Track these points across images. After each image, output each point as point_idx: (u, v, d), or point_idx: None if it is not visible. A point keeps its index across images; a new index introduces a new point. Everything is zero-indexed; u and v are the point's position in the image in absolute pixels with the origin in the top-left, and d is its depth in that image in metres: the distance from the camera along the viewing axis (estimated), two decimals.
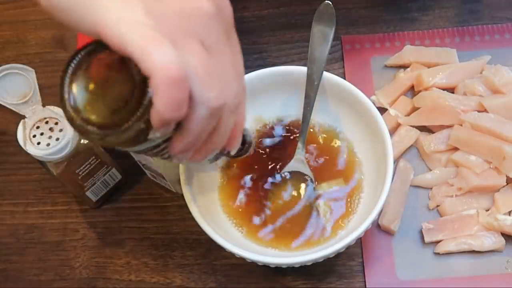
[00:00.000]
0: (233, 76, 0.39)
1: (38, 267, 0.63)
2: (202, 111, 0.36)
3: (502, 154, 0.59)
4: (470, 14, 0.73)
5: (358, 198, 0.58)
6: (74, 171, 0.58)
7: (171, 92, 0.33)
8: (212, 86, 0.36)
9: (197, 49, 0.36)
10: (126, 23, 0.34)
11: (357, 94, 0.58)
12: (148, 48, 0.33)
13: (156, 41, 0.33)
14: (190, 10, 0.36)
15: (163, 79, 0.33)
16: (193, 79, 0.35)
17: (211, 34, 0.37)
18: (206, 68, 0.36)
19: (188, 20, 0.36)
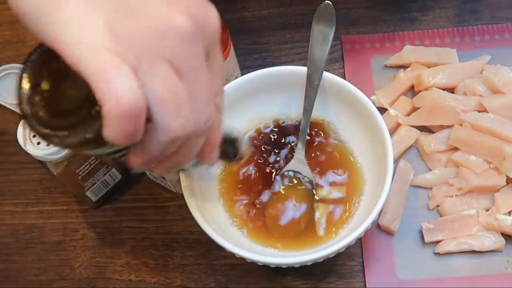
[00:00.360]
0: (205, 100, 0.36)
1: (38, 267, 0.63)
2: (162, 137, 0.34)
3: (502, 154, 0.59)
4: (470, 14, 0.73)
5: (358, 198, 0.58)
6: (74, 171, 0.58)
7: (121, 125, 0.31)
8: (175, 114, 0.33)
9: (164, 73, 0.33)
10: (83, 45, 0.31)
11: (357, 94, 0.58)
12: (104, 74, 0.31)
13: (113, 67, 0.31)
14: (163, 29, 0.32)
15: (114, 110, 0.31)
16: (154, 106, 0.33)
17: (185, 56, 0.33)
18: (171, 95, 0.33)
19: (159, 40, 0.32)
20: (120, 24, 0.32)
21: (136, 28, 0.32)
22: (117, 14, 0.32)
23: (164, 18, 0.32)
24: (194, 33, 0.33)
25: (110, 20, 0.32)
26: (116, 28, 0.32)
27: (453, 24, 0.72)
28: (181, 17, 0.33)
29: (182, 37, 0.33)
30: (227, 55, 0.61)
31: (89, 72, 0.31)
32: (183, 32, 0.33)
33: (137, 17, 0.32)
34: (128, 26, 0.32)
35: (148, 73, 0.32)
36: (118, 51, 0.31)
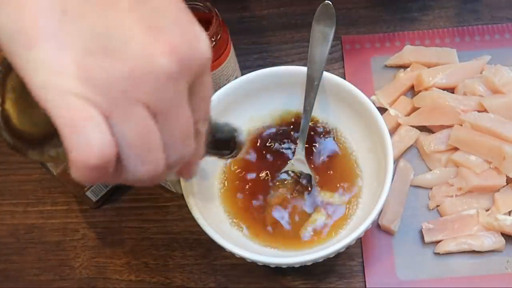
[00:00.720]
0: (181, 139, 0.34)
1: (38, 267, 0.63)
2: (129, 177, 0.33)
3: (502, 154, 0.59)
4: (470, 14, 0.73)
5: (358, 198, 0.58)
6: None
7: (86, 173, 0.30)
8: (144, 160, 0.32)
9: (137, 119, 0.31)
10: (53, 90, 0.29)
11: (357, 94, 0.58)
12: (72, 124, 0.29)
13: (82, 117, 0.29)
14: (141, 72, 0.30)
15: (80, 162, 0.30)
16: (124, 150, 0.31)
17: (164, 97, 0.31)
18: (143, 142, 0.31)
19: (136, 84, 0.30)
20: (94, 68, 0.29)
21: (112, 72, 0.30)
22: (93, 55, 0.29)
23: (146, 60, 0.30)
24: (177, 72, 0.31)
25: (84, 62, 0.29)
26: (90, 72, 0.29)
27: (453, 24, 0.72)
28: (165, 57, 0.30)
29: (162, 79, 0.31)
30: (227, 55, 0.61)
31: (57, 119, 0.29)
32: (165, 74, 0.31)
33: (116, 58, 0.30)
34: (104, 69, 0.29)
35: (121, 119, 0.30)
36: (89, 97, 0.29)
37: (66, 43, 0.29)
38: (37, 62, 0.29)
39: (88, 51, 0.29)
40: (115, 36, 0.30)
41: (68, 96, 0.29)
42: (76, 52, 0.29)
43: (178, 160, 0.35)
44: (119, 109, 0.30)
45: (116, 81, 0.30)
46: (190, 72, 0.32)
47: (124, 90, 0.30)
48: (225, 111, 0.60)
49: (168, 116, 0.32)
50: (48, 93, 0.29)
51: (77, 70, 0.29)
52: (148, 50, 0.30)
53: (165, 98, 0.31)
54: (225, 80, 0.63)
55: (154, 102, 0.31)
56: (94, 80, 0.29)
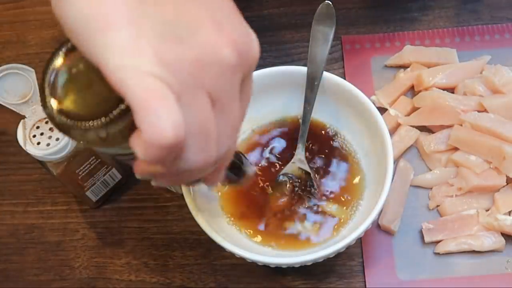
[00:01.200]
0: (231, 132, 0.36)
1: (38, 267, 0.63)
2: (182, 165, 0.34)
3: (502, 154, 0.59)
4: (470, 14, 0.73)
5: (358, 198, 0.58)
6: (74, 171, 0.58)
7: (157, 154, 0.31)
8: (202, 150, 0.33)
9: (204, 105, 0.33)
10: (129, 69, 0.30)
11: (357, 94, 0.58)
12: (148, 104, 0.30)
13: (158, 97, 0.30)
14: (208, 60, 0.32)
15: (154, 142, 0.30)
16: (188, 137, 0.32)
17: (224, 88, 0.33)
18: (204, 130, 0.33)
19: (203, 71, 0.32)
20: (167, 51, 0.31)
21: (182, 56, 0.31)
22: (166, 40, 0.31)
23: (212, 49, 0.32)
24: (236, 65, 0.33)
25: (158, 46, 0.31)
26: (164, 55, 0.31)
27: (453, 24, 0.72)
28: (227, 49, 0.33)
29: (225, 69, 0.33)
30: None
31: (133, 98, 0.30)
32: (227, 65, 0.33)
33: (186, 44, 0.32)
34: (175, 53, 0.31)
35: (188, 103, 0.32)
36: (164, 78, 0.31)
37: (142, 29, 0.31)
38: (115, 45, 0.30)
39: (162, 37, 0.31)
40: (186, 24, 0.32)
41: (145, 76, 0.30)
42: (152, 37, 0.31)
43: (224, 153, 0.36)
44: (188, 93, 0.32)
45: (187, 65, 0.31)
46: (245, 66, 0.34)
47: (192, 74, 0.32)
48: None
49: (224, 107, 0.34)
50: (124, 73, 0.30)
51: (153, 52, 0.31)
52: (214, 41, 0.32)
53: (224, 88, 0.33)
54: None
55: (215, 90, 0.33)
56: (168, 63, 0.31)
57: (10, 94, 0.52)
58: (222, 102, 0.34)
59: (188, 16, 0.32)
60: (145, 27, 0.31)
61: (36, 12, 0.78)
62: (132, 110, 0.31)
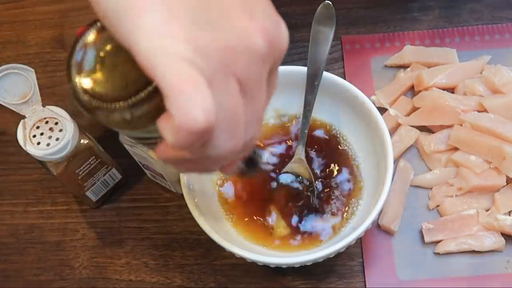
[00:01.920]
0: (257, 121, 0.36)
1: (38, 267, 0.63)
2: (208, 151, 0.33)
3: (502, 154, 0.59)
4: (470, 14, 0.73)
5: (358, 198, 0.58)
6: (74, 171, 0.58)
7: (188, 139, 0.31)
8: (231, 137, 0.33)
9: (233, 92, 0.32)
10: (162, 52, 0.30)
11: (357, 94, 0.58)
12: (180, 89, 0.30)
13: (190, 82, 0.30)
14: (239, 47, 0.32)
15: (186, 127, 0.30)
16: (218, 123, 0.32)
17: (253, 76, 0.33)
18: (234, 117, 0.33)
19: (234, 57, 0.32)
20: (200, 36, 0.31)
21: (214, 42, 0.31)
22: (197, 25, 0.31)
23: (243, 36, 0.32)
24: (267, 54, 0.33)
25: (191, 31, 0.31)
26: (196, 39, 0.31)
27: (453, 24, 0.72)
28: (259, 37, 0.33)
29: (255, 57, 0.33)
30: None
31: (164, 81, 0.30)
32: (258, 53, 0.33)
33: (216, 30, 0.31)
34: (207, 38, 0.31)
35: (219, 89, 0.31)
36: (196, 63, 0.30)
37: (174, 13, 0.31)
38: (147, 28, 0.30)
39: (193, 21, 0.31)
40: (218, 10, 0.32)
41: (177, 59, 0.30)
42: (183, 21, 0.31)
43: (250, 140, 0.36)
44: (219, 79, 0.31)
45: (218, 51, 0.31)
46: (274, 55, 0.34)
47: (224, 60, 0.31)
48: None
49: (252, 94, 0.34)
50: (156, 56, 0.30)
51: (185, 36, 0.31)
52: (246, 28, 0.32)
53: (254, 76, 0.33)
54: None
55: (245, 77, 0.33)
56: (200, 48, 0.31)
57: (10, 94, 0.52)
58: (250, 89, 0.33)
59: (220, 2, 0.32)
60: (178, 11, 0.31)
61: (36, 12, 0.78)
62: (163, 93, 0.30)
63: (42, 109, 0.54)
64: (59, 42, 0.75)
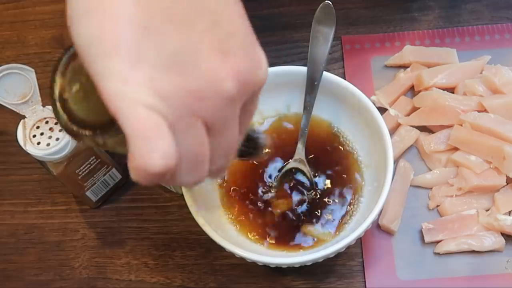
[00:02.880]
0: (227, 153, 0.36)
1: (38, 267, 0.63)
2: (176, 183, 0.35)
3: (502, 154, 0.59)
4: (470, 14, 0.73)
5: (358, 198, 0.58)
6: (74, 171, 0.58)
7: (144, 179, 0.32)
8: (194, 173, 0.34)
9: (199, 134, 0.33)
10: (124, 99, 0.30)
11: (357, 94, 0.58)
12: (140, 134, 0.30)
13: (151, 127, 0.30)
14: (206, 92, 0.32)
15: (143, 169, 0.31)
16: (180, 163, 0.33)
17: (222, 117, 0.33)
18: (199, 156, 0.34)
19: (200, 102, 0.32)
20: (165, 82, 0.31)
21: (179, 87, 0.31)
22: (166, 70, 0.31)
23: (211, 80, 0.32)
24: (238, 95, 0.33)
25: (157, 75, 0.31)
26: (161, 84, 0.31)
27: (453, 24, 0.72)
28: (229, 80, 0.32)
29: (224, 100, 0.32)
30: None
31: (125, 126, 0.30)
32: (227, 96, 0.32)
33: (186, 75, 0.31)
34: (173, 83, 0.31)
35: (182, 132, 0.32)
36: (158, 108, 0.31)
37: (142, 57, 0.31)
38: (112, 71, 0.30)
39: (161, 66, 0.31)
40: (188, 55, 0.31)
41: (139, 105, 0.30)
42: (150, 66, 0.31)
43: (217, 171, 0.37)
44: (182, 122, 0.32)
45: (183, 96, 0.31)
46: (247, 94, 0.34)
47: (189, 105, 0.32)
48: None
49: (220, 133, 0.34)
50: (119, 101, 0.30)
51: (149, 83, 0.31)
52: (216, 73, 0.32)
53: (222, 117, 0.33)
54: None
55: (212, 119, 0.33)
56: (164, 93, 0.31)
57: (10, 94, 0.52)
58: (218, 128, 0.34)
59: (192, 46, 0.32)
60: (146, 54, 0.31)
61: (36, 12, 0.78)
62: (126, 138, 0.31)
63: (42, 109, 0.54)
64: (59, 42, 0.75)
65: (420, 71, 0.66)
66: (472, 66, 0.67)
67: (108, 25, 0.31)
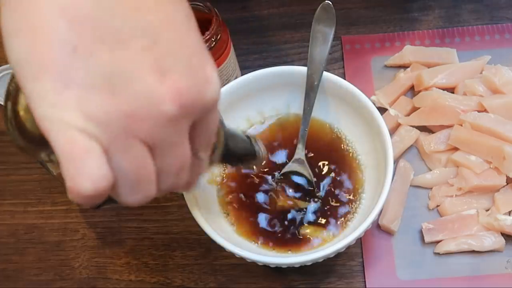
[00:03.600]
0: (176, 172, 0.35)
1: (38, 267, 0.63)
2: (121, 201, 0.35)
3: (502, 154, 0.59)
4: (470, 14, 0.73)
5: (358, 198, 0.58)
6: None
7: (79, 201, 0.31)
8: (137, 192, 0.33)
9: (137, 154, 0.32)
10: (54, 122, 0.30)
11: (357, 94, 0.58)
12: (71, 156, 0.30)
13: (80, 150, 0.30)
14: (142, 113, 0.30)
15: (75, 191, 0.31)
16: (119, 182, 0.32)
17: (162, 137, 0.32)
18: (138, 175, 0.32)
19: (136, 124, 0.31)
20: (96, 103, 0.30)
21: (112, 109, 0.30)
22: (97, 92, 0.30)
23: (148, 101, 0.30)
24: (179, 116, 0.32)
25: (86, 97, 0.30)
26: (91, 107, 0.30)
27: (453, 24, 0.72)
28: (168, 100, 0.31)
29: (163, 121, 0.31)
30: (227, 55, 0.61)
31: (57, 149, 0.30)
32: (166, 117, 0.31)
33: (118, 97, 0.30)
34: (106, 105, 0.30)
35: (118, 153, 0.31)
36: (89, 131, 0.30)
37: (72, 79, 0.30)
38: (42, 94, 0.30)
39: (92, 87, 0.30)
40: (122, 76, 0.30)
41: (69, 129, 0.30)
42: (80, 88, 0.30)
43: (169, 189, 0.36)
44: (117, 144, 0.31)
45: (116, 118, 0.30)
46: (193, 114, 0.33)
47: (123, 127, 0.30)
48: (225, 111, 0.59)
49: (165, 152, 0.33)
50: (49, 124, 0.30)
51: (79, 105, 0.30)
52: (152, 93, 0.31)
53: (163, 137, 0.32)
54: (225, 80, 0.63)
55: (152, 139, 0.32)
56: (95, 116, 0.30)
57: None
58: (162, 148, 0.33)
59: (127, 66, 0.30)
60: (76, 76, 0.30)
61: None
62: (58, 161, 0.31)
63: None
64: None
65: (420, 71, 0.66)
66: (472, 66, 0.67)
67: (37, 46, 0.30)
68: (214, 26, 0.58)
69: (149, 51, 0.31)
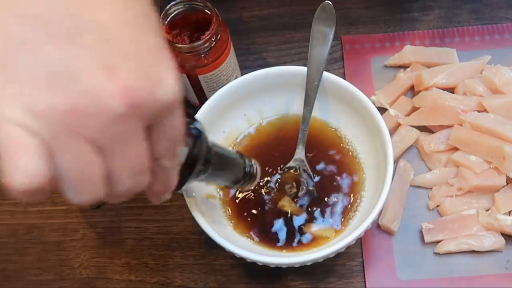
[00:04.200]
0: (131, 173, 0.34)
1: (38, 267, 0.63)
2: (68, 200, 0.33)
3: (502, 154, 0.59)
4: (470, 14, 0.73)
5: (358, 198, 0.58)
6: None
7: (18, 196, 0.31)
8: (83, 193, 0.33)
9: (77, 151, 0.31)
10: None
11: (357, 94, 0.58)
12: (9, 150, 0.30)
13: (18, 144, 0.29)
14: (87, 110, 0.30)
15: (12, 185, 0.30)
16: (61, 181, 0.32)
17: (109, 135, 0.31)
18: (81, 174, 0.32)
19: (79, 120, 0.30)
20: (39, 99, 0.29)
21: (55, 105, 0.29)
22: (41, 87, 0.29)
23: (92, 98, 0.30)
24: (126, 114, 0.31)
25: (30, 92, 0.29)
26: (34, 102, 0.29)
27: (453, 24, 0.72)
28: (114, 99, 0.30)
29: (110, 119, 0.30)
30: (227, 55, 0.61)
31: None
32: (113, 115, 0.30)
33: (62, 92, 0.30)
34: (49, 101, 0.29)
35: (59, 150, 0.30)
36: (31, 127, 0.30)
37: (16, 74, 0.30)
38: None
39: (36, 83, 0.30)
40: (69, 72, 0.30)
41: (8, 124, 0.30)
42: (24, 83, 0.30)
43: (126, 192, 0.35)
44: (59, 140, 0.30)
45: (60, 114, 0.30)
46: (144, 114, 0.32)
47: (66, 123, 0.30)
48: (224, 111, 0.60)
49: (114, 152, 0.32)
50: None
51: (22, 100, 0.29)
52: (98, 90, 0.30)
53: (109, 136, 0.31)
54: (225, 80, 0.63)
55: (100, 139, 0.31)
56: (38, 111, 0.30)
57: None
58: (111, 147, 0.32)
59: (73, 61, 0.30)
60: (21, 72, 0.30)
61: None
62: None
63: None
64: None
65: (420, 71, 0.66)
66: (472, 66, 0.67)
67: None
68: (214, 26, 0.58)
69: (98, 48, 0.31)
